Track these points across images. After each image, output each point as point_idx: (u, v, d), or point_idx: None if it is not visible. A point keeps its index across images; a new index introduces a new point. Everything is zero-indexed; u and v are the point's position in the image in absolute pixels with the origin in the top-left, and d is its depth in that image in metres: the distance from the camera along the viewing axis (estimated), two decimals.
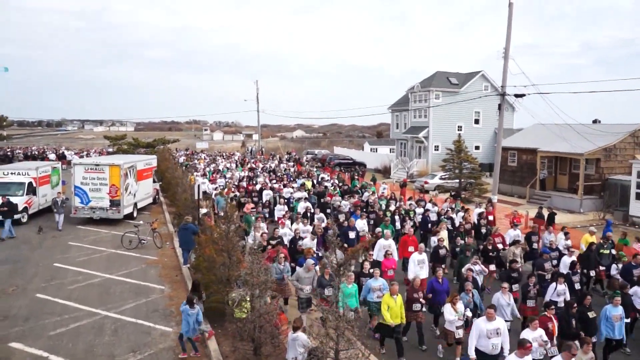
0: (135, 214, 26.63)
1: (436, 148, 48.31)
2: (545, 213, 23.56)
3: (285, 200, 25.44)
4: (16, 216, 24.04)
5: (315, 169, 43.00)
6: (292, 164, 49.50)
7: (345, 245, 17.23)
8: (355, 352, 7.90)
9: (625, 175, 30.16)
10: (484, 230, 20.19)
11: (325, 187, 30.29)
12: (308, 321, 11.92)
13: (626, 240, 18.82)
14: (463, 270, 14.13)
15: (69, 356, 11.45)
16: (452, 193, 32.84)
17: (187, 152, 66.43)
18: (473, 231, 19.71)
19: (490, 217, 22.34)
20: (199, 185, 22.83)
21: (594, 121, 36.71)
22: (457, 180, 34.54)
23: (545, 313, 10.96)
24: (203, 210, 21.13)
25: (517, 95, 26.35)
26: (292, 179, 35.20)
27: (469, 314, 11.51)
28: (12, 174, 26.35)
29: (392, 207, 23.06)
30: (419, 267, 14.99)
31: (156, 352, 11.75)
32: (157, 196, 32.28)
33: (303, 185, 31.16)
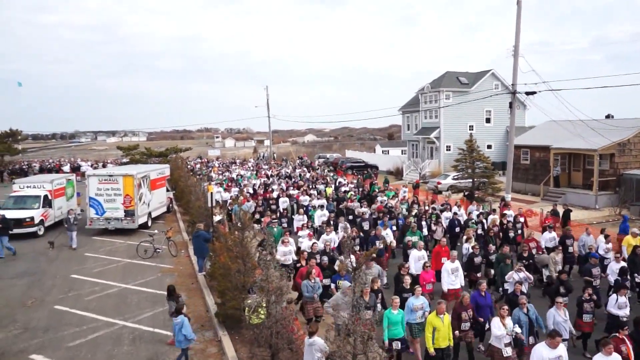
0: (149, 223, 26.79)
1: (448, 148, 48.13)
2: (561, 210, 23.39)
3: (304, 209, 24.54)
4: (33, 229, 24.35)
5: (331, 174, 41.91)
6: (304, 169, 48.71)
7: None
8: (372, 356, 7.88)
9: None
10: (512, 234, 19.45)
11: (345, 192, 29.57)
12: (324, 326, 11.90)
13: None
14: (509, 279, 13.43)
15: None
16: (466, 193, 32.69)
17: (202, 161, 66.56)
18: (501, 234, 19.29)
19: (521, 219, 21.20)
20: (212, 193, 22.91)
21: (607, 116, 36.41)
22: (470, 180, 34.34)
23: (617, 334, 9.89)
24: (217, 218, 21.20)
25: (528, 93, 26.23)
26: (310, 185, 34.15)
27: (518, 329, 10.38)
28: (27, 187, 26.70)
29: (415, 212, 22.30)
30: (453, 277, 13.88)
31: None
32: (170, 205, 32.46)
33: (321, 192, 30.31)
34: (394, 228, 20.37)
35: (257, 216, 24.22)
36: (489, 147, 48.17)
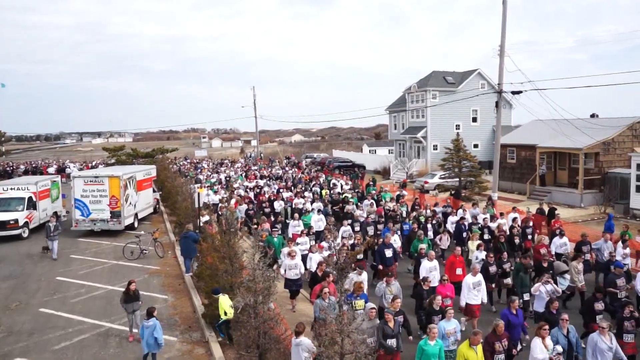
0: (136, 225, 26.61)
1: (435, 147, 48.32)
2: (546, 208, 23.56)
3: (299, 213, 22.62)
4: (17, 231, 24.07)
5: (324, 175, 40.44)
6: (295, 170, 47.74)
7: (380, 267, 15.93)
8: (358, 356, 7.87)
9: (624, 169, 30.15)
10: (517, 240, 18.33)
11: (339, 194, 28.53)
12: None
13: (628, 233, 18.76)
14: (535, 292, 12.62)
15: None
16: (452, 192, 32.84)
17: (190, 161, 66.07)
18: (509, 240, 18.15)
19: (530, 223, 20.11)
20: (198, 194, 22.78)
21: (592, 115, 36.72)
22: (457, 179, 34.52)
23: None
24: (204, 219, 21.11)
25: (514, 92, 26.40)
26: (304, 187, 32.36)
27: (560, 349, 9.45)
28: (11, 189, 26.37)
29: (419, 216, 21.33)
30: (475, 292, 12.81)
31: None
32: (157, 206, 32.27)
33: (316, 194, 28.77)
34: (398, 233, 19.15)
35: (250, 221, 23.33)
36: (476, 146, 48.42)
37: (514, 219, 20.57)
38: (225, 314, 11.98)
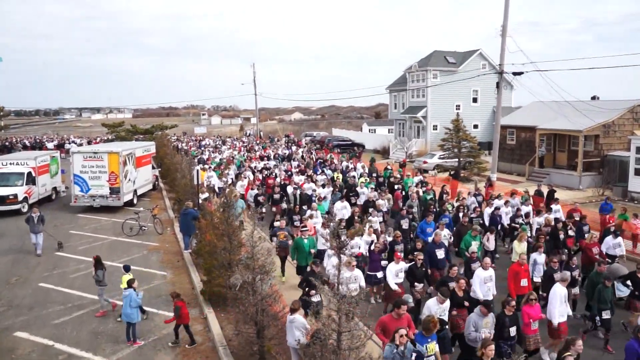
0: (135, 201, 26.69)
1: (435, 127, 48.17)
2: (545, 190, 23.60)
3: (308, 199, 20.36)
4: (16, 206, 24.12)
5: (342, 157, 37.10)
6: (306, 149, 44.54)
7: (430, 271, 13.09)
8: (357, 334, 7.94)
9: (624, 152, 30.11)
10: (562, 236, 15.57)
11: (354, 177, 25.62)
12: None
13: (626, 216, 18.85)
14: None
15: (73, 344, 11.55)
16: (452, 172, 32.87)
17: (193, 139, 64.85)
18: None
19: (576, 216, 17.52)
20: (197, 170, 22.69)
21: (593, 98, 36.64)
22: (456, 160, 34.50)
23: None
24: (203, 196, 21.14)
25: (515, 73, 26.35)
26: (318, 170, 29.48)
27: None
28: (11, 164, 26.37)
29: (449, 206, 19.06)
30: (564, 306, 10.59)
31: (160, 337, 11.85)
32: (156, 182, 32.31)
33: (332, 179, 25.80)
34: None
35: (262, 208, 21.51)
36: (476, 127, 48.27)
37: (570, 217, 17.60)
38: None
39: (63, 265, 17.10)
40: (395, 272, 12.46)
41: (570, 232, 16.09)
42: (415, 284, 12.27)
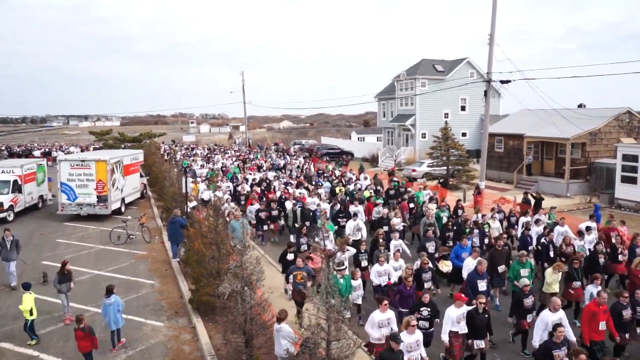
0: (123, 209, 26.46)
1: (423, 136, 48.38)
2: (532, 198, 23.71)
3: (311, 215, 18.65)
4: (2, 215, 23.85)
5: (338, 168, 35.23)
6: (302, 159, 42.12)
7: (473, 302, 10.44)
8: (347, 343, 7.90)
9: (610, 159, 30.45)
10: (602, 260, 13.86)
11: (360, 190, 23.56)
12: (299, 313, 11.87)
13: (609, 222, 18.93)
14: None
15: (59, 355, 11.40)
16: (440, 180, 32.97)
17: (185, 147, 63.66)
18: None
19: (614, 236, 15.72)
20: (186, 178, 22.47)
21: (579, 106, 37.04)
22: (445, 168, 34.63)
23: None
24: (192, 204, 21.02)
25: (502, 82, 26.50)
26: (319, 181, 27.73)
27: None
28: None
29: (486, 227, 16.97)
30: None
31: (148, 347, 11.73)
32: (144, 191, 32.10)
33: (332, 191, 24.54)
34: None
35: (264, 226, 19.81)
36: (464, 134, 48.54)
37: (588, 229, 16.29)
38: (31, 313, 11.90)
39: (49, 274, 16.85)
40: (456, 319, 9.92)
41: (620, 257, 14.40)
42: (475, 342, 9.92)
